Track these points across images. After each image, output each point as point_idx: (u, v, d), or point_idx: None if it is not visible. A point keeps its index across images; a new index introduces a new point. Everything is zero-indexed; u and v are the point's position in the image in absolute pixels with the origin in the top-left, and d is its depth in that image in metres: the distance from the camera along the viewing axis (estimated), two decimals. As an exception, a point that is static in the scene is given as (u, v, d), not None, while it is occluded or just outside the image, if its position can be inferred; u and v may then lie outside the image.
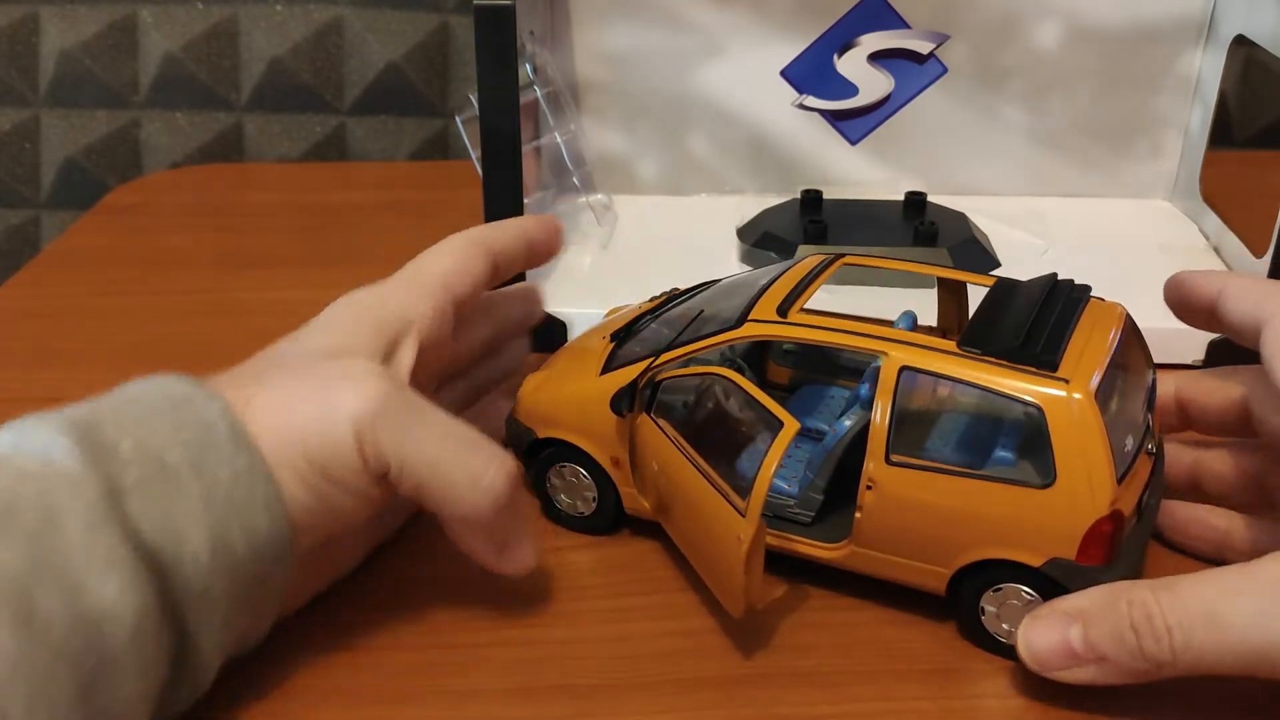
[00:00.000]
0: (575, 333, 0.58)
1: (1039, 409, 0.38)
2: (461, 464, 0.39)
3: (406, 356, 0.42)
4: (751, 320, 0.42)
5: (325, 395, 0.38)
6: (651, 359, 0.43)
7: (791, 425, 0.39)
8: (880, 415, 0.40)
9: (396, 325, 0.42)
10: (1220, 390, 0.45)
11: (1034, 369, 0.39)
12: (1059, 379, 0.38)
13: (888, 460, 0.40)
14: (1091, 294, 0.44)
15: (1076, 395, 0.38)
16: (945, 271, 0.48)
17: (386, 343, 0.42)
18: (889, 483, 0.40)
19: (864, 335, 0.41)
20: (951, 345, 0.40)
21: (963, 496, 0.39)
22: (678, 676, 0.40)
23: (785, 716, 0.39)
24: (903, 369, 0.40)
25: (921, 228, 0.63)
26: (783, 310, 0.42)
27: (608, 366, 0.45)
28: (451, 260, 0.45)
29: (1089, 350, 0.40)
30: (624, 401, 0.43)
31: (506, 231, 0.48)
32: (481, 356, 0.50)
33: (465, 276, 0.45)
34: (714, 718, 0.39)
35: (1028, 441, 0.39)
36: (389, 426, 0.38)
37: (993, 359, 0.39)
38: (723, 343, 0.43)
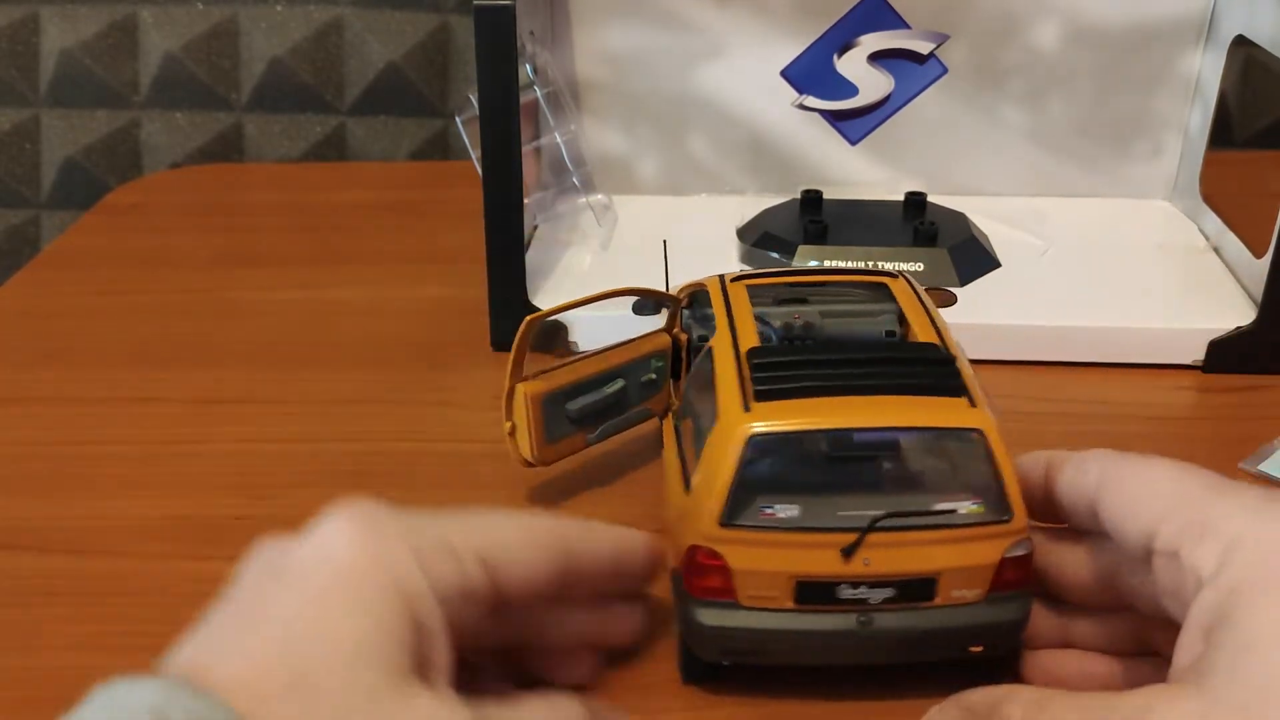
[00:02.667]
0: (574, 334, 0.58)
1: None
2: None
3: (441, 658, 0.33)
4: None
5: None
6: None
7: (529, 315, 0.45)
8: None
9: (426, 608, 0.32)
10: (1078, 559, 0.39)
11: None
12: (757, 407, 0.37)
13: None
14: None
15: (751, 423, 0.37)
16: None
17: (416, 635, 0.32)
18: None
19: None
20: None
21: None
22: (677, 675, 0.40)
23: (785, 715, 0.39)
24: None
25: (921, 228, 0.63)
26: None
27: None
28: (508, 536, 0.36)
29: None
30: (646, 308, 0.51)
31: (598, 537, 0.38)
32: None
33: (517, 564, 0.35)
34: (714, 717, 0.38)
35: None
36: None
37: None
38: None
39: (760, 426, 0.36)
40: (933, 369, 0.38)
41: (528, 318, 0.46)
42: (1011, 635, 0.38)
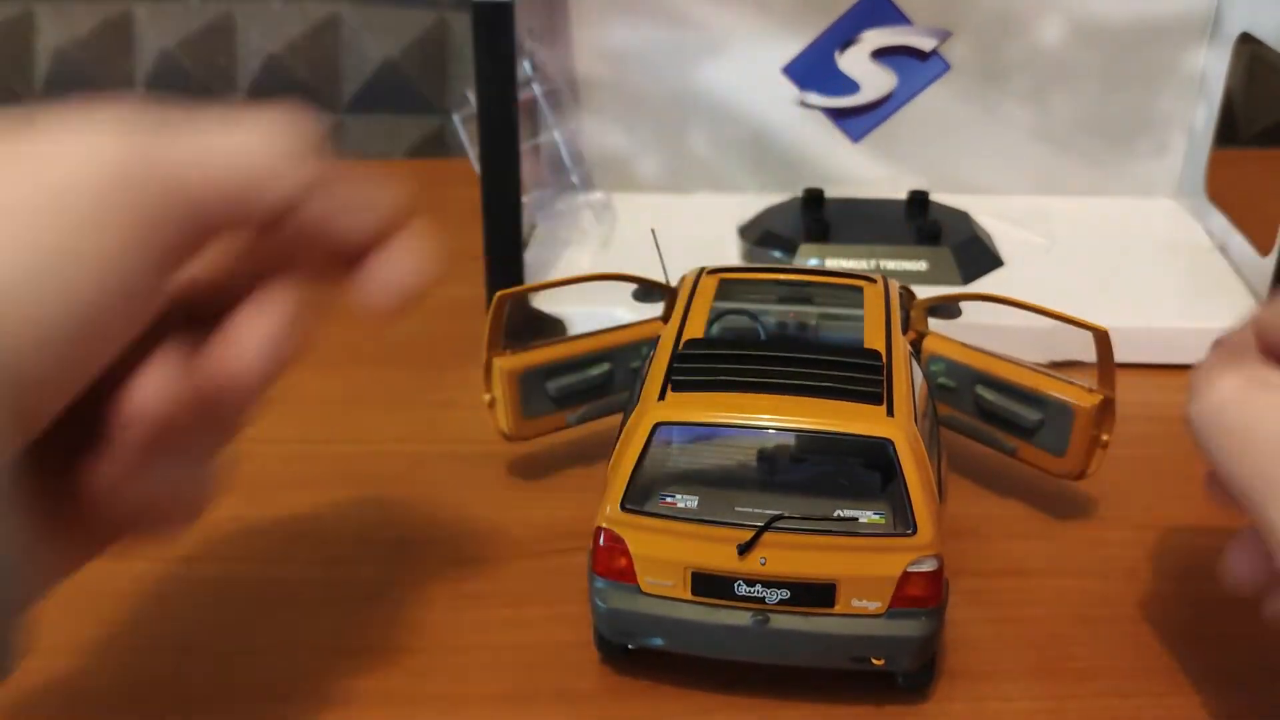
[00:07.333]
0: (573, 331, 0.57)
1: None
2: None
3: None
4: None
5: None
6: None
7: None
8: None
9: None
10: None
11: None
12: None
13: None
14: None
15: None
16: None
17: None
18: None
19: None
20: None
21: None
22: (677, 679, 0.39)
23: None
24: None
25: (924, 226, 0.63)
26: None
27: None
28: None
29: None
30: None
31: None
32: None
33: None
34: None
35: None
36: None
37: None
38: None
39: (666, 415, 0.37)
40: (858, 374, 0.38)
41: (499, 293, 0.47)
42: (913, 652, 0.37)
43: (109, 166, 0.27)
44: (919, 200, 0.67)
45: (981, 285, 0.61)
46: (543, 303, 0.58)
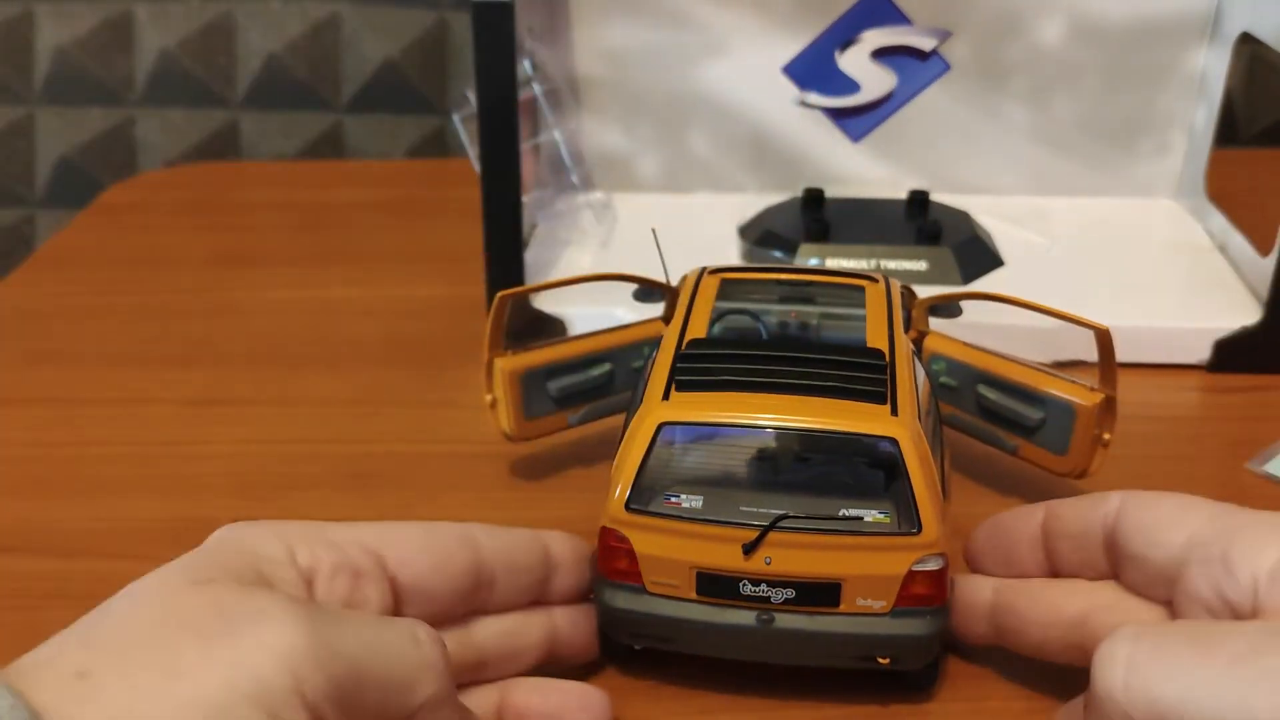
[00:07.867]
0: (573, 331, 0.57)
1: None
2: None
3: (288, 581, 0.33)
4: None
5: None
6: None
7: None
8: None
9: (268, 553, 0.33)
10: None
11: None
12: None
13: None
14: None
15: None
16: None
17: (246, 563, 0.32)
18: None
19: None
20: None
21: None
22: (682, 679, 0.39)
23: (790, 719, 0.38)
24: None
25: (924, 226, 0.63)
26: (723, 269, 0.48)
27: None
28: (401, 530, 0.36)
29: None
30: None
31: (514, 539, 0.38)
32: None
33: (413, 556, 0.35)
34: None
35: None
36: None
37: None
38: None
39: (670, 415, 0.37)
40: (861, 374, 0.38)
41: (499, 293, 0.47)
42: (919, 651, 0.37)
43: (279, 676, 0.28)
44: (919, 200, 0.67)
45: (982, 285, 0.61)
46: (543, 303, 0.58)
